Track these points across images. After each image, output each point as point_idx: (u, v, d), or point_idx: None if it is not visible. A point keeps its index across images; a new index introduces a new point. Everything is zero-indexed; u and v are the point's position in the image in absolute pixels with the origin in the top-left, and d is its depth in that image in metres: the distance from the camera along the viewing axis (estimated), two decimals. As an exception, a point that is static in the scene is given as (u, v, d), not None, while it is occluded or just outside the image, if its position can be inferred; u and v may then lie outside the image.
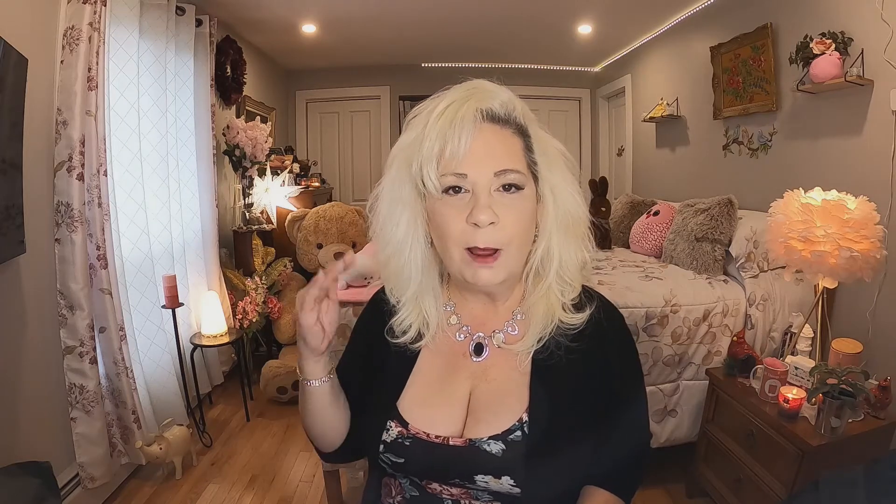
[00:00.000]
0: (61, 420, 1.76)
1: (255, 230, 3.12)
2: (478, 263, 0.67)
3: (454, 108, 0.65)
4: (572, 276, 0.73)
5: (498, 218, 0.65)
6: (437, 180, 0.66)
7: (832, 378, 1.41)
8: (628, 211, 3.07)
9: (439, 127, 0.65)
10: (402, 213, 0.71)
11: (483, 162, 0.65)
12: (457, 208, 0.66)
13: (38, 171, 1.66)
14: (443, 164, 0.65)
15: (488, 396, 0.73)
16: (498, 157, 0.66)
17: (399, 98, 4.85)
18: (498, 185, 0.66)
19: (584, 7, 3.20)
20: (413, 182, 0.69)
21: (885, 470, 0.60)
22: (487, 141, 0.66)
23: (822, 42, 1.98)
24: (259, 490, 2.02)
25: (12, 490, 1.18)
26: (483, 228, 0.65)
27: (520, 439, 0.69)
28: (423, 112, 0.69)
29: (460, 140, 0.64)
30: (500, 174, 0.66)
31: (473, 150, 0.65)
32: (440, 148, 0.65)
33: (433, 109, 0.67)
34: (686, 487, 1.94)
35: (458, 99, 0.66)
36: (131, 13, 2.07)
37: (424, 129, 0.66)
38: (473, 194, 0.66)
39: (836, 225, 1.52)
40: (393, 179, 0.71)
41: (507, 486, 0.68)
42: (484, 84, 0.69)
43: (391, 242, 0.73)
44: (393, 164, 0.71)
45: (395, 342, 0.77)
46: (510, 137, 0.68)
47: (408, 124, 0.70)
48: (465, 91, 0.67)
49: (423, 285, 0.75)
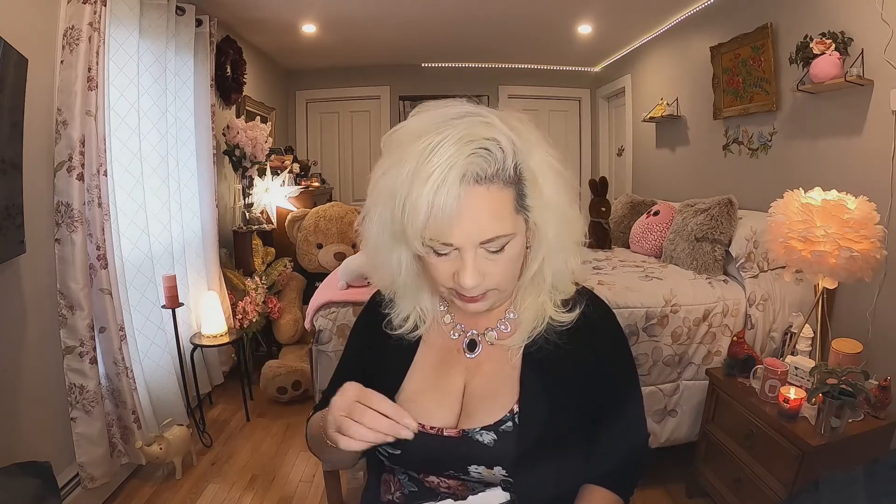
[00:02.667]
0: (61, 420, 1.76)
1: (255, 230, 3.12)
2: (465, 301, 0.69)
3: (441, 172, 0.59)
4: (565, 284, 0.75)
5: (484, 276, 0.66)
6: (422, 249, 0.65)
7: (832, 378, 1.41)
8: (628, 211, 3.07)
9: (425, 196, 0.60)
10: (391, 243, 0.70)
11: (469, 232, 0.63)
12: (444, 262, 0.66)
13: (38, 171, 1.66)
14: (428, 232, 0.62)
15: (481, 389, 0.75)
16: (484, 228, 0.63)
17: (399, 98, 4.84)
18: (485, 247, 0.65)
19: (584, 7, 3.20)
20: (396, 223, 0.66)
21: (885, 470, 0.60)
22: (474, 208, 0.62)
23: (822, 42, 1.98)
24: (259, 490, 2.02)
25: (12, 490, 1.18)
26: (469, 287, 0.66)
27: (511, 429, 0.71)
28: (408, 145, 0.63)
29: (444, 211, 0.60)
30: (486, 242, 0.64)
31: (459, 220, 0.61)
32: (424, 218, 0.61)
33: (420, 161, 0.60)
34: (686, 487, 1.94)
35: (445, 160, 0.60)
36: (131, 13, 2.07)
37: (410, 187, 0.61)
38: (460, 254, 0.65)
39: (836, 225, 1.52)
40: (379, 211, 0.68)
41: (499, 476, 0.70)
42: (475, 128, 0.62)
43: (382, 265, 0.74)
44: (379, 196, 0.67)
45: (393, 333, 0.79)
46: (498, 194, 0.63)
47: (386, 146, 0.66)
48: (454, 145, 0.60)
49: (418, 286, 0.78)
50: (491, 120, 0.63)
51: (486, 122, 0.63)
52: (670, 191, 3.43)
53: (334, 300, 1.89)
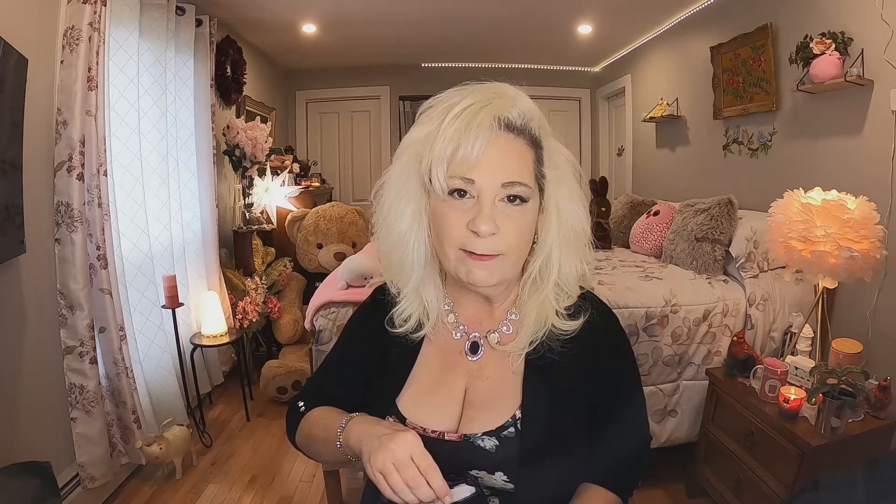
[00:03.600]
0: (61, 420, 1.76)
1: (255, 230, 3.12)
2: (473, 260, 0.67)
3: (472, 110, 0.64)
4: (570, 286, 0.74)
5: (498, 228, 0.66)
6: (444, 182, 0.66)
7: (832, 378, 1.41)
8: (628, 211, 3.07)
9: (455, 128, 0.64)
10: (406, 205, 0.71)
11: (493, 171, 0.65)
12: (460, 211, 0.67)
13: (38, 171, 1.66)
14: (453, 166, 0.65)
15: (483, 394, 0.75)
16: (508, 168, 0.66)
17: (399, 98, 4.85)
18: (503, 196, 0.67)
19: (584, 7, 3.20)
20: (420, 177, 0.69)
21: (885, 470, 0.60)
22: (500, 149, 0.66)
23: (822, 42, 1.98)
24: (259, 490, 2.02)
25: (12, 490, 1.18)
26: (483, 237, 0.66)
27: (513, 436, 0.70)
28: (439, 106, 0.68)
29: (474, 145, 0.64)
30: (507, 185, 0.66)
31: (485, 158, 0.64)
32: (453, 150, 0.64)
33: (451, 107, 0.66)
34: (686, 487, 1.94)
35: (477, 101, 0.65)
36: (131, 13, 2.07)
37: (440, 126, 0.65)
38: (478, 201, 0.66)
39: (836, 225, 1.52)
40: (400, 171, 0.71)
41: (500, 481, 0.69)
42: (505, 89, 0.68)
43: (394, 233, 0.73)
44: (402, 156, 0.71)
45: (395, 332, 0.78)
46: (523, 148, 0.68)
47: (421, 116, 0.70)
48: (485, 94, 0.66)
49: (424, 277, 0.76)
50: (514, 93, 0.68)
51: (516, 92, 0.69)
52: (670, 191, 3.43)
53: (334, 300, 1.89)
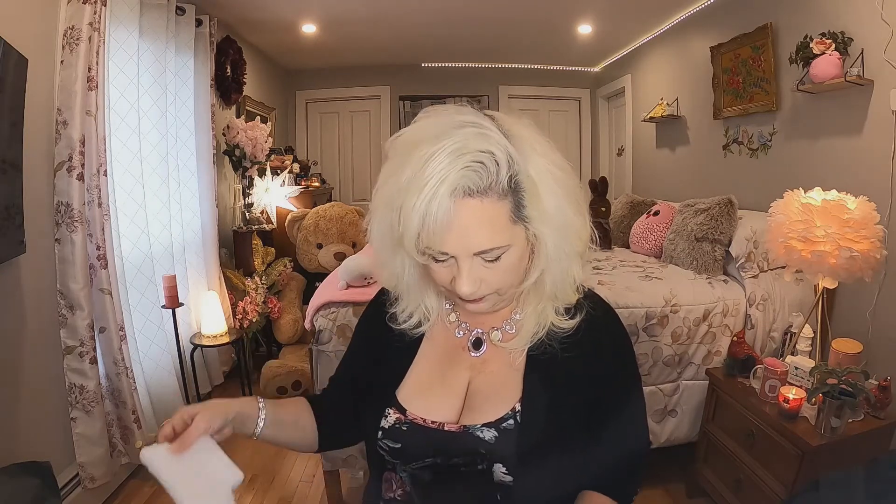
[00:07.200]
0: (61, 420, 1.76)
1: (255, 230, 3.12)
2: (466, 302, 0.70)
3: (432, 186, 0.60)
4: (566, 293, 0.75)
5: (482, 282, 0.67)
6: (417, 255, 0.66)
7: (832, 378, 1.41)
8: (628, 211, 3.07)
9: (417, 209, 0.61)
10: (393, 252, 0.72)
11: (462, 243, 0.64)
12: (442, 267, 0.67)
13: (38, 171, 1.66)
14: (424, 240, 0.64)
15: (485, 387, 0.76)
16: (478, 237, 0.64)
17: (399, 98, 4.84)
18: (480, 257, 0.66)
19: (584, 7, 3.20)
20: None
21: (885, 470, 0.60)
22: (464, 220, 0.62)
23: (822, 42, 1.98)
24: (259, 490, 2.02)
25: (12, 490, 1.18)
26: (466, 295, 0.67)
27: (512, 427, 0.71)
28: (404, 154, 0.64)
29: (438, 222, 0.61)
30: (479, 253, 0.65)
31: (451, 231, 0.62)
32: (418, 228, 0.62)
33: (415, 168, 0.62)
34: (686, 487, 1.94)
35: (436, 173, 0.60)
36: (131, 13, 2.07)
37: (403, 194, 0.62)
38: (456, 263, 0.66)
39: (836, 225, 1.52)
40: (380, 220, 0.70)
41: (499, 474, 0.70)
42: (468, 142, 0.61)
43: (387, 264, 0.75)
44: (379, 207, 0.69)
45: (397, 328, 0.80)
46: (492, 206, 0.63)
47: (390, 151, 0.68)
48: (445, 160, 0.60)
49: (423, 287, 0.78)
50: (488, 131, 0.63)
51: (482, 134, 0.62)
52: (670, 191, 3.43)
53: (334, 300, 1.89)
